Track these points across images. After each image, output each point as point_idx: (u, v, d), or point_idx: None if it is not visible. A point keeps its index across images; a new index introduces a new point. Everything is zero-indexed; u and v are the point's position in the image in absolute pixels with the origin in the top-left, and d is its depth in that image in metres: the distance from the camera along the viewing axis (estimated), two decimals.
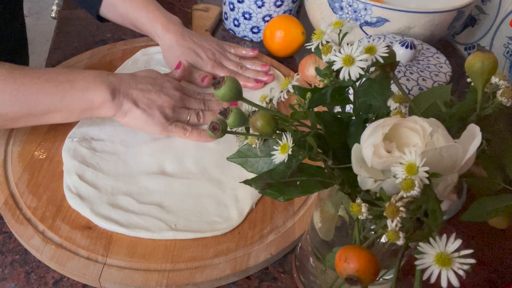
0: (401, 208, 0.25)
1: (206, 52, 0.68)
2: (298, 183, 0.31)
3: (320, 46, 0.32)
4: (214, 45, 0.70)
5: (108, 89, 0.52)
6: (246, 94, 0.50)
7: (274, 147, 0.30)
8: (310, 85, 0.70)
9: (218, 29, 0.87)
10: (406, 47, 0.55)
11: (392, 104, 0.32)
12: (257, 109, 0.29)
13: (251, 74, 0.69)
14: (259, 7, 0.78)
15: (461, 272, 0.23)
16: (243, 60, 0.71)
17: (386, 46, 0.30)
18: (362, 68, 0.29)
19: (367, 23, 0.67)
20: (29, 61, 0.91)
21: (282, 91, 0.33)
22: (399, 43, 0.55)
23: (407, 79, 0.54)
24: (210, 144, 0.58)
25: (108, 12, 0.71)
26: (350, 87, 0.33)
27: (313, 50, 0.32)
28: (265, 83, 0.69)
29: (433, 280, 0.23)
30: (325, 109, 0.54)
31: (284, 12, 0.80)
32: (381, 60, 0.30)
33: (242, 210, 0.50)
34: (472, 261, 0.23)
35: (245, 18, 0.81)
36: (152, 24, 0.67)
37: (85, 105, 0.52)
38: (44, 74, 0.50)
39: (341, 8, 0.67)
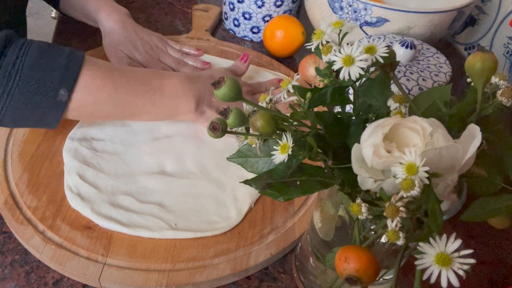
0: (401, 208, 0.25)
1: (144, 46, 0.68)
2: (298, 183, 0.31)
3: (320, 46, 0.32)
4: (155, 39, 0.70)
5: (194, 98, 0.55)
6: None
7: (274, 147, 0.30)
8: (310, 85, 0.70)
9: (218, 29, 0.87)
10: (406, 47, 0.55)
11: (392, 104, 0.32)
12: (257, 109, 0.29)
13: (187, 70, 0.68)
14: (259, 7, 0.78)
15: (461, 272, 0.23)
16: (185, 56, 0.71)
17: (386, 46, 0.30)
18: (362, 68, 0.29)
19: (367, 23, 0.66)
20: None
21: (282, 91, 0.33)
22: (399, 43, 0.55)
23: (407, 79, 0.54)
24: (209, 144, 0.58)
25: (64, 6, 0.73)
26: (350, 87, 0.33)
27: (313, 50, 0.32)
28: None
29: (433, 280, 0.23)
30: (325, 109, 0.54)
31: (284, 12, 0.80)
32: (381, 60, 0.30)
33: (241, 209, 0.50)
34: (472, 261, 0.23)
35: (245, 18, 0.81)
36: (96, 11, 0.68)
37: (172, 111, 0.55)
38: (139, 76, 0.53)
39: (341, 8, 0.67)
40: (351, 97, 0.33)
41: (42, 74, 0.46)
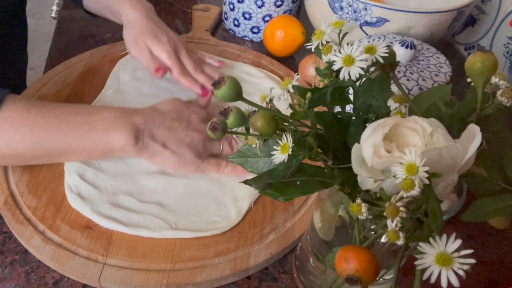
0: (401, 208, 0.25)
1: (168, 39, 0.62)
2: (298, 183, 0.31)
3: (320, 46, 0.32)
4: (179, 38, 0.66)
5: (131, 132, 0.49)
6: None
7: (274, 147, 0.30)
8: (310, 85, 0.70)
9: (218, 29, 0.87)
10: (406, 47, 0.55)
11: (392, 104, 0.32)
12: (257, 109, 0.29)
13: (202, 78, 0.62)
14: (259, 7, 0.78)
15: (461, 272, 0.23)
16: (203, 65, 0.66)
17: (386, 46, 0.30)
18: (362, 68, 0.29)
19: (367, 23, 0.67)
20: (28, 60, 0.91)
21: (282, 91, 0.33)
22: (399, 43, 0.55)
23: (407, 79, 0.54)
24: None
25: (88, 2, 0.71)
26: (350, 87, 0.33)
27: (313, 50, 0.32)
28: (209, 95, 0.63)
29: (433, 280, 0.23)
30: (325, 109, 0.54)
31: (284, 12, 0.80)
32: (381, 60, 0.30)
33: (241, 209, 0.50)
34: (472, 261, 0.23)
35: (245, 18, 0.81)
36: (120, 3, 0.65)
37: (105, 148, 0.49)
38: (62, 113, 0.48)
39: (341, 8, 0.67)
40: (351, 97, 0.33)
41: None
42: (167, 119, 0.52)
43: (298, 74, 0.36)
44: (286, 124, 0.31)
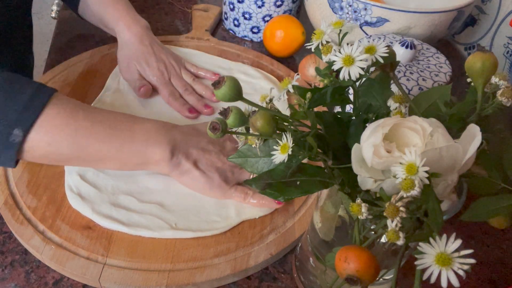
0: (401, 208, 0.25)
1: (158, 63, 0.64)
2: (298, 183, 0.31)
3: (320, 46, 0.32)
4: (171, 59, 0.67)
5: (169, 146, 0.49)
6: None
7: (274, 147, 0.30)
8: (310, 85, 0.70)
9: (218, 29, 0.87)
10: (406, 47, 0.55)
11: (392, 104, 0.32)
12: (257, 109, 0.29)
13: (191, 100, 0.64)
14: (259, 7, 0.78)
15: (461, 272, 0.23)
16: (195, 82, 0.66)
17: (386, 46, 0.30)
18: (362, 68, 0.29)
19: (367, 23, 0.67)
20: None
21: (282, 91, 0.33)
22: (399, 43, 0.55)
23: (407, 79, 0.54)
24: None
25: (83, 11, 0.71)
26: (350, 87, 0.33)
27: (313, 50, 0.32)
28: (199, 114, 0.63)
29: (433, 280, 0.23)
30: (325, 109, 0.54)
31: (284, 12, 0.80)
32: (381, 60, 0.30)
33: (241, 209, 0.50)
34: (472, 261, 0.23)
35: (245, 18, 0.81)
36: (116, 21, 0.66)
37: (141, 160, 0.48)
38: (108, 119, 0.48)
39: (341, 8, 0.67)
40: (351, 97, 0.33)
41: None
42: (203, 140, 0.52)
43: (298, 74, 0.36)
44: (286, 124, 0.31)
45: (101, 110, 0.49)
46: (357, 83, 0.33)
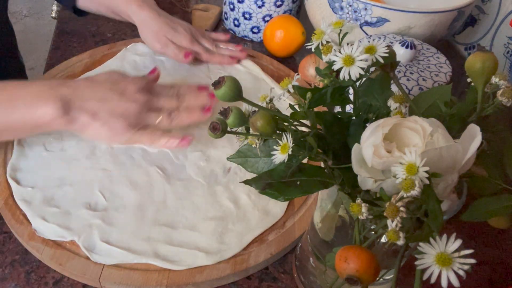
0: (401, 208, 0.25)
1: (184, 28, 0.69)
2: (298, 183, 0.31)
3: (320, 46, 0.32)
4: (188, 24, 0.72)
5: (58, 103, 0.47)
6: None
7: (274, 147, 0.30)
8: (310, 85, 0.70)
9: (218, 29, 0.87)
10: (406, 47, 0.55)
11: (392, 104, 0.32)
12: (257, 109, 0.29)
13: (226, 52, 0.71)
14: (259, 7, 0.78)
15: (461, 272, 0.23)
16: (216, 42, 0.73)
17: (386, 46, 0.30)
18: (362, 68, 0.29)
19: (367, 23, 0.66)
20: (29, 60, 0.91)
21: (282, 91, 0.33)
22: (399, 43, 0.55)
23: (407, 79, 0.54)
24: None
25: (86, 3, 0.72)
26: (350, 87, 0.33)
27: (313, 50, 0.32)
28: (239, 59, 0.72)
29: (433, 280, 0.23)
30: (325, 109, 0.54)
31: (284, 12, 0.80)
32: (381, 60, 0.30)
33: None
34: (472, 261, 0.23)
35: (245, 18, 0.81)
36: (126, 4, 0.68)
37: (32, 123, 0.47)
38: None
39: (341, 8, 0.67)
40: (351, 97, 0.33)
41: None
42: (99, 89, 0.51)
43: (298, 74, 0.36)
44: (286, 124, 0.31)
45: None
46: (357, 83, 0.33)
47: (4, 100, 0.47)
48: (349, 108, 0.47)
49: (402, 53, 0.55)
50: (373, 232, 0.29)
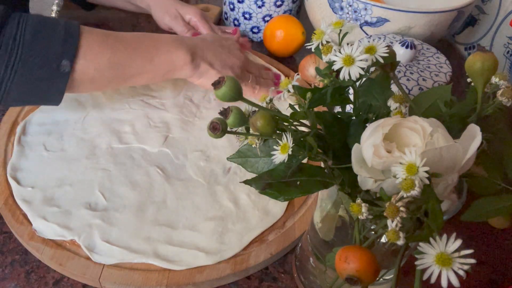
0: (401, 208, 0.25)
1: (194, 4, 0.76)
2: (298, 183, 0.31)
3: (320, 46, 0.32)
4: (198, 8, 0.76)
5: (188, 51, 0.57)
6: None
7: (274, 147, 0.30)
8: (310, 85, 0.70)
9: None
10: (406, 47, 0.55)
11: (392, 104, 0.32)
12: (257, 109, 0.29)
13: (229, 30, 0.76)
14: (259, 7, 0.78)
15: (461, 272, 0.23)
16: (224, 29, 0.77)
17: (386, 46, 0.30)
18: (362, 68, 0.29)
19: (367, 23, 0.66)
20: None
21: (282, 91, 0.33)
22: (399, 43, 0.55)
23: (407, 79, 0.54)
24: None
25: None
26: (350, 87, 0.33)
27: (313, 50, 0.32)
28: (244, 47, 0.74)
29: (433, 280, 0.23)
30: (325, 109, 0.54)
31: (284, 12, 0.80)
32: (381, 60, 0.30)
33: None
34: (472, 261, 0.23)
35: (245, 18, 0.81)
36: None
37: (169, 67, 0.57)
38: (133, 39, 0.55)
39: (341, 8, 0.67)
40: (351, 97, 0.33)
41: (43, 47, 0.46)
42: (212, 46, 0.61)
43: (298, 74, 0.36)
44: (286, 124, 0.31)
45: (122, 33, 0.55)
46: (357, 83, 0.32)
47: (151, 46, 0.55)
48: (349, 108, 0.47)
49: (402, 53, 0.55)
50: (373, 232, 0.29)
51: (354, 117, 0.33)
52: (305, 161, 0.32)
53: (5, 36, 0.44)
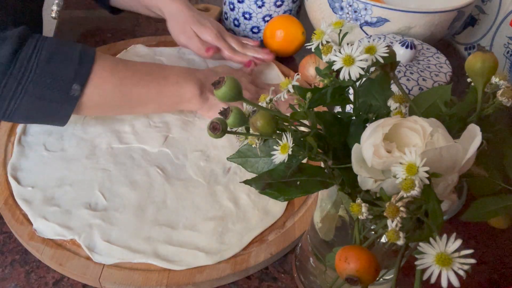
0: (401, 208, 0.25)
1: (211, 23, 0.70)
2: (298, 183, 0.31)
3: (320, 46, 0.32)
4: (217, 22, 0.73)
5: (197, 84, 0.57)
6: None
7: (274, 147, 0.30)
8: (310, 85, 0.70)
9: None
10: (406, 47, 0.55)
11: (392, 104, 0.32)
12: (257, 109, 0.29)
13: (249, 52, 0.71)
14: (259, 7, 0.78)
15: (461, 272, 0.23)
16: (244, 43, 0.74)
17: (386, 46, 0.30)
18: (362, 68, 0.29)
19: (367, 23, 0.66)
20: None
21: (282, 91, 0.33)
22: (399, 43, 0.55)
23: (407, 79, 0.54)
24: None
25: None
26: (350, 87, 0.33)
27: (313, 50, 0.32)
28: (264, 61, 0.72)
29: (433, 280, 0.23)
30: (325, 109, 0.54)
31: (284, 12, 0.80)
32: (381, 60, 0.30)
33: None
34: (472, 261, 0.23)
35: (245, 18, 0.81)
36: None
37: (176, 99, 0.57)
38: (142, 68, 0.55)
39: (341, 8, 0.67)
40: (351, 97, 0.33)
41: (57, 69, 0.47)
42: None
43: (298, 74, 0.36)
44: (286, 124, 0.31)
45: (133, 61, 0.56)
46: (357, 83, 0.32)
47: (159, 77, 0.55)
48: (349, 108, 0.47)
49: (402, 53, 0.55)
50: (373, 232, 0.29)
51: (354, 117, 0.33)
52: (305, 161, 0.32)
53: (21, 55, 0.45)
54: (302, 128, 0.32)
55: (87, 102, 0.50)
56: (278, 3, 0.78)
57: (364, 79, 0.33)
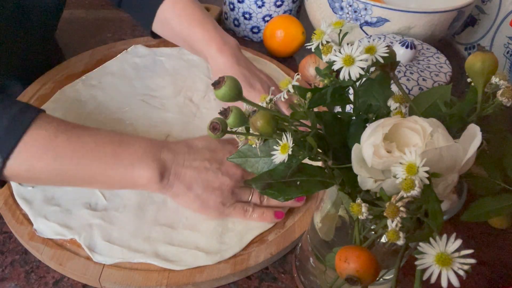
0: (401, 208, 0.25)
1: (261, 83, 0.60)
2: (298, 183, 0.31)
3: (320, 46, 0.32)
4: (266, 77, 0.63)
5: (157, 169, 0.46)
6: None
7: (274, 147, 0.30)
8: (310, 85, 0.70)
9: None
10: (406, 47, 0.55)
11: (392, 104, 0.32)
12: (257, 109, 0.29)
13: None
14: (259, 7, 0.78)
15: (461, 272, 0.23)
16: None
17: (386, 46, 0.30)
18: (362, 68, 0.29)
19: (367, 23, 0.67)
20: None
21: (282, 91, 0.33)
22: (399, 43, 0.55)
23: (407, 79, 0.54)
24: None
25: (161, 28, 0.66)
26: (350, 87, 0.33)
27: (313, 50, 0.32)
28: None
29: (433, 280, 0.23)
30: (325, 109, 0.54)
31: (284, 12, 0.80)
32: (381, 60, 0.30)
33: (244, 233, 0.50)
34: (472, 261, 0.23)
35: (245, 18, 0.81)
36: (207, 44, 0.61)
37: (128, 183, 0.46)
38: (91, 141, 0.45)
39: (341, 8, 0.67)
40: (351, 97, 0.33)
41: None
42: (198, 157, 0.49)
43: (298, 74, 0.36)
44: (286, 124, 0.31)
45: (85, 131, 0.46)
46: (357, 83, 0.32)
47: (109, 155, 0.45)
48: (349, 108, 0.47)
49: (402, 53, 0.55)
50: (373, 232, 0.29)
51: (354, 117, 0.33)
52: (305, 161, 0.32)
53: None
54: (302, 128, 0.32)
55: (11, 177, 0.44)
56: (278, 3, 0.78)
57: (364, 79, 0.33)
